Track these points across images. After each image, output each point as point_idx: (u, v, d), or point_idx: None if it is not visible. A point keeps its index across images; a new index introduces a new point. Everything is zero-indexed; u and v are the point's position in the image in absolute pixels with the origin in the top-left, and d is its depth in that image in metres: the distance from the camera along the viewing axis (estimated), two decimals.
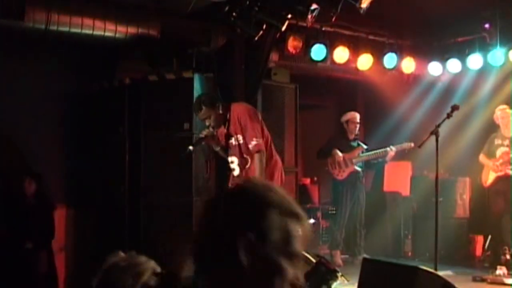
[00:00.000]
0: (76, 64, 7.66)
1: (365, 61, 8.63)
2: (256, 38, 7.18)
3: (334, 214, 8.68)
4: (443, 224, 8.00)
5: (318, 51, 8.13)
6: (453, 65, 8.72)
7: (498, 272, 7.00)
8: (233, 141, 5.53)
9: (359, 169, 8.33)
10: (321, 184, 9.90)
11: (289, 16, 7.00)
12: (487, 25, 8.08)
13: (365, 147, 8.40)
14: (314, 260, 3.88)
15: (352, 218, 8.36)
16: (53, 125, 7.65)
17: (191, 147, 5.72)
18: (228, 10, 7.03)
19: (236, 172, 5.49)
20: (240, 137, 5.50)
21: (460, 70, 8.72)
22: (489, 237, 8.12)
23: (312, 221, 9.39)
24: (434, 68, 8.94)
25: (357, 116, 8.43)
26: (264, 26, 7.13)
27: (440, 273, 4.43)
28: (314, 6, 6.61)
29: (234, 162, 5.53)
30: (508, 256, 7.37)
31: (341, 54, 8.42)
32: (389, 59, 8.68)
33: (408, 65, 8.91)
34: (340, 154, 8.25)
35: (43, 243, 6.80)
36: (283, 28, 7.15)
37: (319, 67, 8.51)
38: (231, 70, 7.37)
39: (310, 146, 8.77)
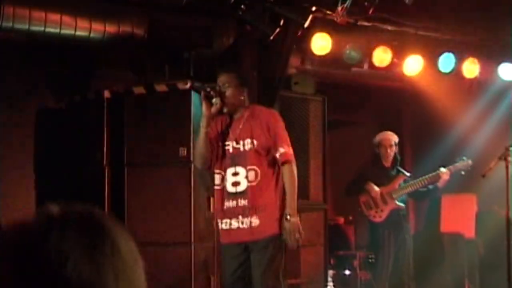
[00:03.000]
0: (38, 72, 7.70)
1: (413, 64, 8.60)
2: (271, 37, 7.25)
3: (374, 263, 8.61)
4: None
5: (352, 53, 8.15)
6: None
7: None
8: (240, 146, 5.46)
9: (402, 204, 8.23)
10: (358, 224, 9.82)
11: (314, 8, 7.09)
12: None
13: (407, 174, 8.30)
14: None
15: (398, 267, 8.22)
16: (9, 150, 7.68)
17: (188, 84, 5.68)
18: (235, 1, 7.11)
19: (242, 187, 5.40)
20: (248, 141, 5.43)
21: None
22: None
23: (347, 272, 9.30)
24: (505, 71, 8.95)
25: (391, 137, 8.26)
26: (282, 22, 7.22)
27: None
28: None
29: (239, 174, 5.43)
30: None
31: (382, 55, 8.42)
32: (446, 61, 8.68)
33: (471, 68, 8.88)
34: (376, 189, 8.15)
35: None
36: (307, 24, 7.22)
37: (353, 73, 8.52)
38: None
39: (342, 175, 8.74)
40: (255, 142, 5.36)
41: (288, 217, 5.20)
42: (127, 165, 7.20)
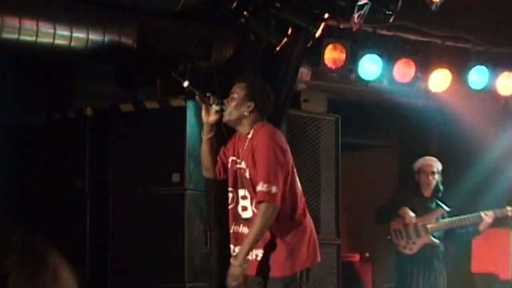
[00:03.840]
0: (13, 85, 7.60)
1: (440, 79, 8.57)
2: (278, 48, 7.22)
3: None
4: None
5: (369, 66, 8.09)
6: None
7: None
8: (244, 167, 5.34)
9: (437, 241, 8.20)
10: (376, 261, 9.84)
11: (327, 15, 7.04)
12: None
13: (447, 209, 8.26)
14: None
15: None
16: None
17: (186, 83, 5.56)
18: (237, 7, 7.08)
19: (248, 214, 5.27)
20: (244, 165, 5.29)
21: None
22: None
23: None
24: None
25: (434, 164, 8.31)
26: (290, 31, 7.17)
27: None
28: (362, 0, 6.70)
29: (247, 198, 5.30)
30: None
31: (404, 69, 8.34)
32: (477, 76, 8.60)
33: (506, 83, 8.82)
34: (411, 214, 8.15)
35: None
36: (318, 34, 7.17)
37: (371, 89, 8.49)
38: None
39: (358, 206, 8.66)
40: (247, 169, 5.23)
41: (232, 260, 5.08)
42: (111, 193, 7.16)
